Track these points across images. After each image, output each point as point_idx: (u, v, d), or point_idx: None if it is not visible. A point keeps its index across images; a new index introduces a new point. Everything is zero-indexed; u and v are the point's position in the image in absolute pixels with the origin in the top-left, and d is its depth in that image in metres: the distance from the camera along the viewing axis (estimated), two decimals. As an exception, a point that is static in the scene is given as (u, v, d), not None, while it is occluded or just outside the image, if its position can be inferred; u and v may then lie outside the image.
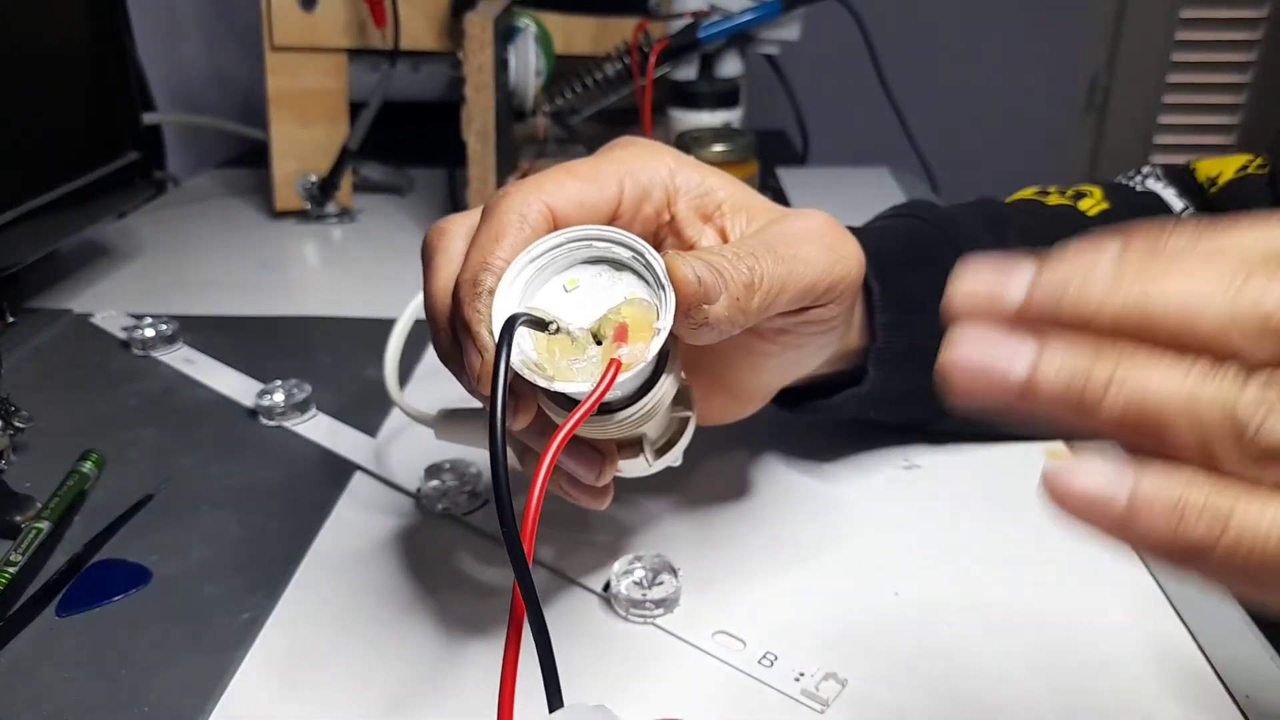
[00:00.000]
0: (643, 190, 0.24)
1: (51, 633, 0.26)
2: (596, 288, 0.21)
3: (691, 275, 0.20)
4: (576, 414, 0.19)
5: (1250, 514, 0.13)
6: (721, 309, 0.21)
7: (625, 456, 0.24)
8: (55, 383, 0.42)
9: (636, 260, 0.21)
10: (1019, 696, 0.24)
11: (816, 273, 0.23)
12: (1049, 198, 0.37)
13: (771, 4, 0.61)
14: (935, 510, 0.32)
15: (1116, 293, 0.14)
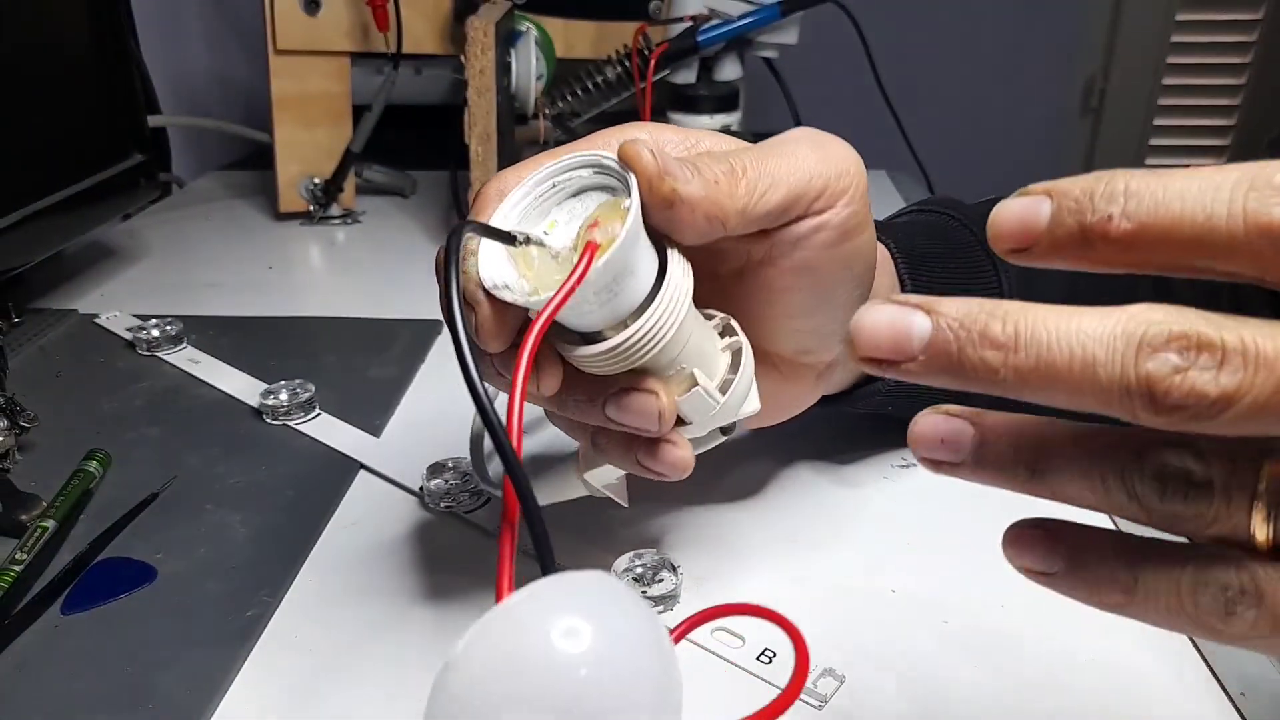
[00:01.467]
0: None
1: (56, 631, 0.27)
2: (575, 216, 0.22)
3: (644, 151, 0.20)
4: (560, 291, 0.19)
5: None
6: (696, 188, 0.21)
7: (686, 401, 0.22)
8: (61, 382, 0.42)
9: (601, 172, 0.21)
10: (1016, 695, 0.24)
11: (809, 167, 0.22)
12: None
13: (770, 8, 0.61)
14: (933, 508, 0.32)
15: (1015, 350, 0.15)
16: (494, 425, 0.17)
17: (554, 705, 0.13)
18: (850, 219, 0.23)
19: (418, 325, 0.47)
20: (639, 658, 0.14)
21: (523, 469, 0.16)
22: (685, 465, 0.23)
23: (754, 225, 0.22)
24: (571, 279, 0.19)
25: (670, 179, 0.20)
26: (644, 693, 0.14)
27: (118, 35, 0.51)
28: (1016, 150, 1.27)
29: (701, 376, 0.22)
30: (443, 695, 0.14)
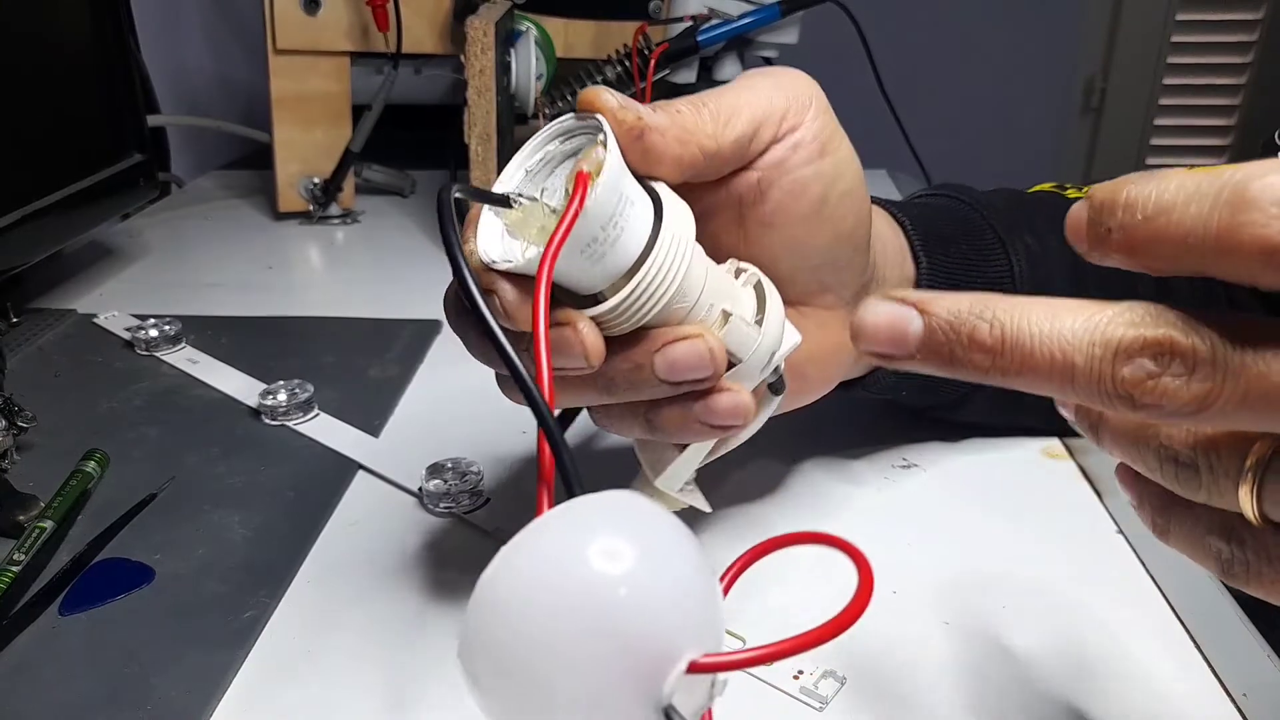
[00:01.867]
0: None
1: (55, 631, 0.27)
2: (557, 188, 0.22)
3: (601, 90, 0.21)
4: (566, 215, 0.18)
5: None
6: (661, 118, 0.21)
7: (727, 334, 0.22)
8: (59, 382, 0.42)
9: (568, 136, 0.21)
10: (1016, 695, 0.24)
11: (766, 93, 0.23)
12: (1067, 191, 0.37)
13: (770, 8, 0.61)
14: (933, 508, 0.32)
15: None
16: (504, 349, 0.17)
17: (596, 627, 0.13)
18: (821, 130, 0.24)
19: (417, 325, 0.47)
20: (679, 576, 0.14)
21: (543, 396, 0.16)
22: (745, 408, 0.22)
23: (728, 154, 0.23)
24: (573, 205, 0.19)
25: (633, 110, 0.21)
26: (686, 610, 0.14)
27: (117, 34, 0.51)
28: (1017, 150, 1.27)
29: (733, 307, 0.22)
30: (476, 613, 0.14)
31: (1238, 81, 1.27)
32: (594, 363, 0.21)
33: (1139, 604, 0.28)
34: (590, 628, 0.13)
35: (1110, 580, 0.29)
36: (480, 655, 0.14)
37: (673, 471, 0.25)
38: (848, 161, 0.25)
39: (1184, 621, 0.27)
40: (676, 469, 0.25)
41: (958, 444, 0.35)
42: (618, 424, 0.24)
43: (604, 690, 0.13)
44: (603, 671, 0.13)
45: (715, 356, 0.22)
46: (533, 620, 0.13)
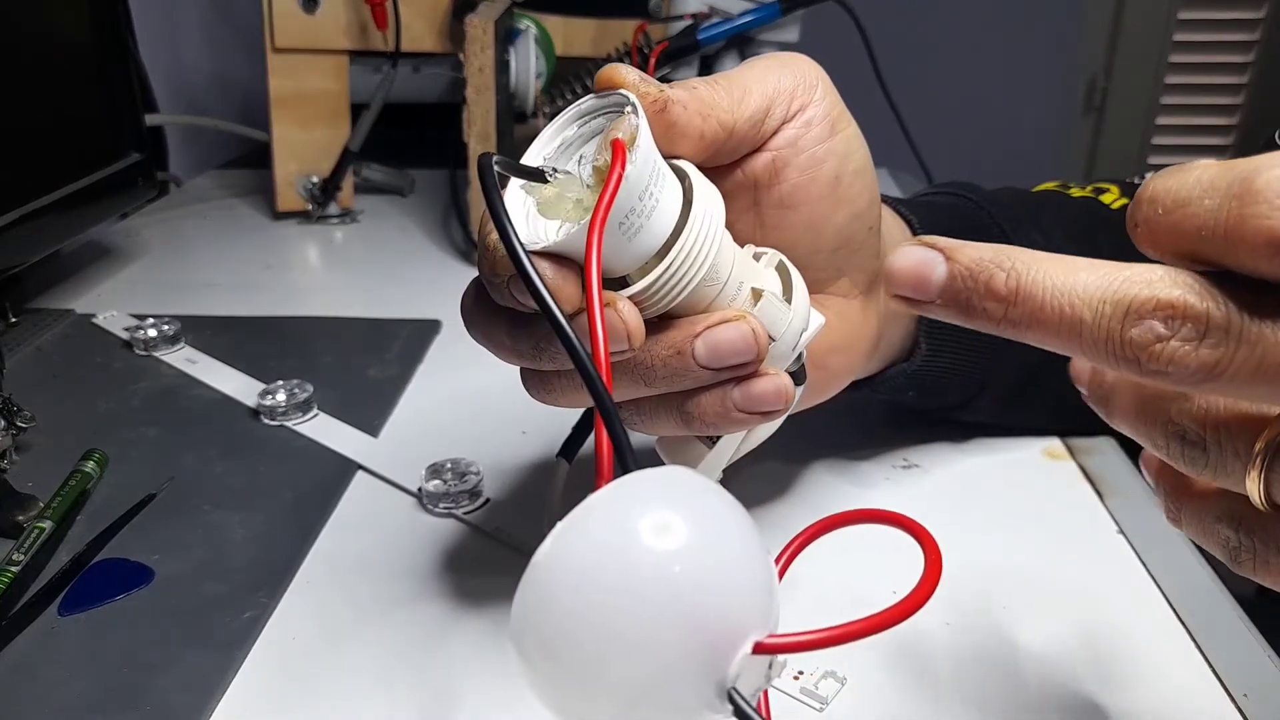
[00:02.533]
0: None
1: (53, 632, 0.27)
2: (587, 159, 0.21)
3: (620, 66, 0.21)
4: (607, 189, 0.18)
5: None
6: (680, 92, 0.22)
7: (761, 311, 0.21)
8: (58, 383, 0.42)
9: (586, 118, 0.21)
10: (1017, 695, 0.24)
11: (774, 75, 0.24)
12: (1071, 190, 0.37)
13: (771, 6, 0.61)
14: (933, 509, 0.32)
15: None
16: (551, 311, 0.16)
17: (654, 604, 0.12)
18: (830, 109, 0.25)
19: (417, 325, 0.47)
20: (738, 553, 0.14)
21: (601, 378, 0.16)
22: (787, 390, 0.22)
23: (744, 132, 0.23)
24: (616, 171, 0.18)
25: (655, 84, 0.21)
26: (745, 588, 0.13)
27: (115, 33, 0.51)
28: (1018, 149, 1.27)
29: (764, 286, 0.22)
30: (532, 591, 0.13)
31: (1239, 81, 1.27)
32: (636, 344, 0.20)
33: (1139, 604, 0.27)
34: (652, 607, 0.12)
35: (1110, 580, 0.28)
36: (532, 634, 0.13)
37: (702, 470, 0.24)
38: (857, 139, 0.25)
39: (1184, 621, 0.27)
40: (705, 467, 0.24)
41: (959, 444, 0.35)
42: (650, 420, 0.23)
43: (665, 671, 0.13)
44: (665, 651, 0.13)
45: (759, 338, 0.21)
46: (588, 598, 0.13)
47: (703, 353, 0.21)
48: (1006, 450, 0.35)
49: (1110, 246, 0.34)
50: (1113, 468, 0.34)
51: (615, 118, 0.21)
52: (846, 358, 0.28)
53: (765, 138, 0.24)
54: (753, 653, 0.13)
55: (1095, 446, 0.35)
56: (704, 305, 0.21)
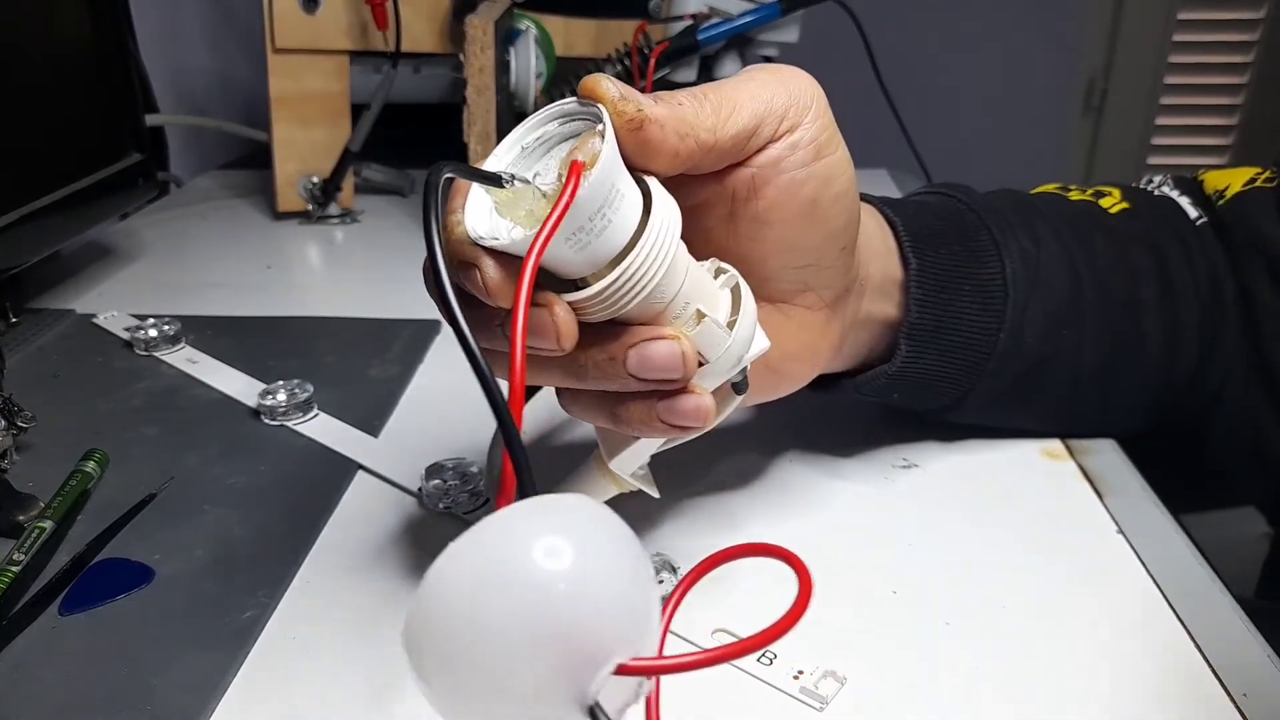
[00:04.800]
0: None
1: (54, 631, 0.27)
2: (550, 168, 0.22)
3: (602, 79, 0.21)
4: (558, 207, 0.18)
5: None
6: (662, 109, 0.21)
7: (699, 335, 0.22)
8: (58, 383, 0.42)
9: (567, 119, 0.21)
10: (1017, 696, 0.24)
11: (769, 91, 0.24)
12: (1070, 193, 0.37)
13: (770, 6, 0.61)
14: (933, 509, 0.32)
15: None
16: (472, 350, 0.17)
17: (531, 618, 0.13)
18: (819, 133, 0.24)
19: (417, 325, 0.47)
20: (616, 579, 0.14)
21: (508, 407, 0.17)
22: (706, 411, 0.23)
23: (727, 149, 0.23)
24: (565, 195, 0.19)
25: (634, 101, 0.21)
26: (620, 613, 0.14)
27: (116, 34, 0.51)
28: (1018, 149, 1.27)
29: (708, 308, 0.22)
30: (424, 603, 0.14)
31: (1239, 81, 1.27)
32: (565, 346, 0.21)
33: (1139, 604, 0.27)
34: (528, 621, 0.14)
35: (1110, 580, 0.28)
36: (423, 642, 0.14)
37: (628, 456, 0.25)
38: (842, 164, 0.25)
39: (1184, 621, 0.27)
40: (632, 454, 0.25)
41: (957, 444, 0.35)
42: (584, 411, 0.24)
43: (536, 681, 0.14)
44: (536, 663, 0.14)
45: (688, 360, 0.22)
46: (474, 611, 0.14)
47: (634, 363, 0.22)
48: (1006, 450, 0.35)
49: (1107, 256, 0.34)
50: (1112, 467, 0.34)
51: (591, 126, 0.21)
52: (804, 366, 0.28)
53: (750, 154, 0.24)
54: (615, 673, 0.14)
55: (1095, 446, 0.35)
56: (649, 316, 0.22)
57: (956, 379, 0.32)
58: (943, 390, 0.33)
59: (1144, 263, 0.34)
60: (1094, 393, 0.34)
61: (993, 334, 0.31)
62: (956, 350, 0.31)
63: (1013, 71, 1.24)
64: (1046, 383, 0.33)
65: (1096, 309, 0.33)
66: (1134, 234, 0.35)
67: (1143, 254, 0.34)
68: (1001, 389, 0.33)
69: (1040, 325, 0.32)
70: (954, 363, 0.32)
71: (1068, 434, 0.36)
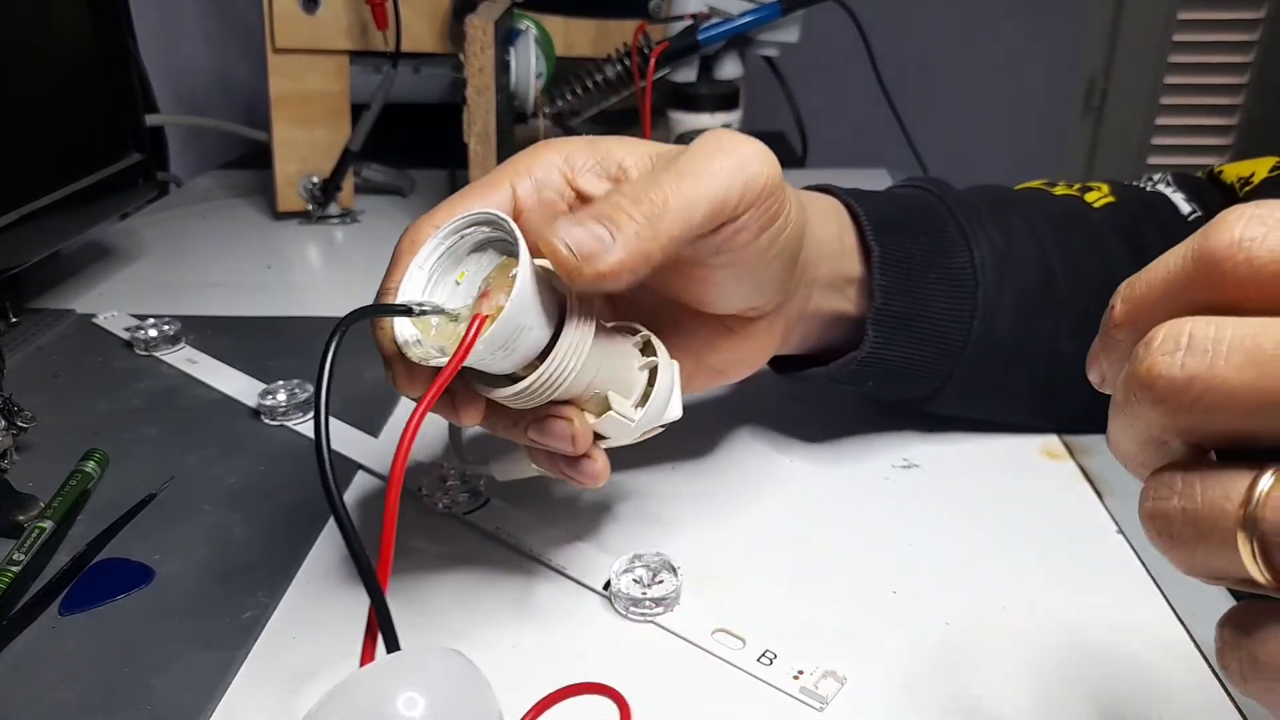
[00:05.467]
0: (537, 182, 0.25)
1: (54, 631, 0.27)
2: (480, 270, 0.23)
3: (560, 245, 0.21)
4: (447, 368, 0.20)
5: None
6: (618, 253, 0.21)
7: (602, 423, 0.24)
8: (58, 383, 0.42)
9: (498, 229, 0.22)
10: (1017, 695, 0.24)
11: (725, 180, 0.23)
12: (1056, 188, 0.37)
13: (771, 6, 0.61)
14: (933, 508, 0.32)
15: None
16: (340, 515, 0.19)
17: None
18: (765, 214, 0.25)
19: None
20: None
21: (366, 554, 0.19)
22: (600, 477, 0.25)
23: (679, 250, 0.23)
24: (461, 349, 0.20)
25: (591, 262, 0.21)
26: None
27: (116, 34, 0.51)
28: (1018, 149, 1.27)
29: (616, 399, 0.24)
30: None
31: (1239, 81, 1.27)
32: (467, 424, 0.24)
33: (1139, 604, 0.27)
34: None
35: (1110, 580, 0.28)
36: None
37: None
38: (786, 228, 0.26)
39: (1184, 621, 0.27)
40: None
41: (957, 444, 0.35)
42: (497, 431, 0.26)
43: None
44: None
45: (578, 441, 0.24)
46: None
47: (533, 434, 0.24)
48: (1006, 450, 0.35)
49: (1083, 246, 0.34)
50: (1112, 467, 0.34)
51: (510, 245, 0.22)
52: (746, 366, 0.30)
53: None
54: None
55: (1095, 446, 0.35)
56: (561, 399, 0.24)
57: (933, 367, 0.32)
58: (920, 378, 0.33)
59: (1122, 253, 0.34)
60: (1076, 384, 0.34)
61: (966, 321, 0.32)
62: (929, 338, 0.32)
63: (1013, 71, 1.24)
64: (1026, 371, 0.33)
65: (1073, 298, 0.33)
66: (1115, 225, 0.35)
67: (1121, 244, 0.34)
68: (980, 377, 0.33)
69: (1013, 314, 0.32)
70: (928, 350, 0.32)
71: (1062, 426, 0.36)
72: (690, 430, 0.36)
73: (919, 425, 0.36)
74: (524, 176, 0.25)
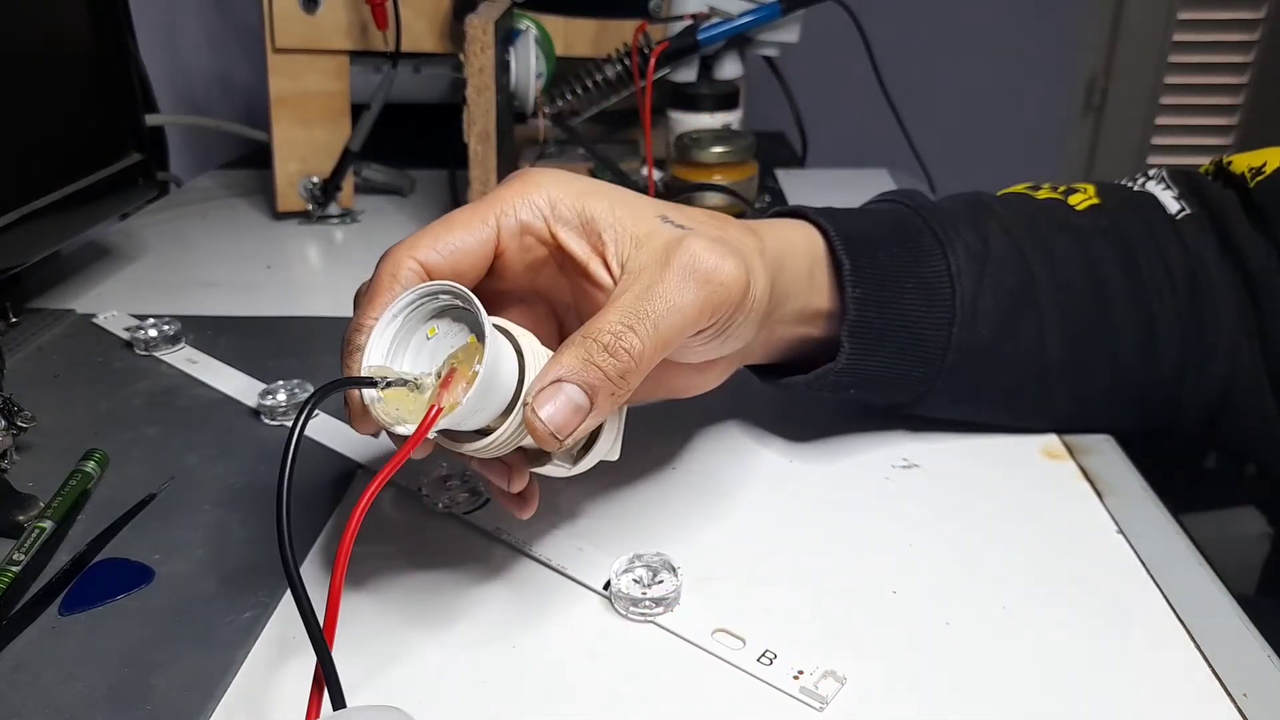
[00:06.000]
0: (520, 225, 0.26)
1: (54, 631, 0.27)
2: (450, 335, 0.24)
3: (543, 429, 0.23)
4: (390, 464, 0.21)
5: None
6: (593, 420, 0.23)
7: (540, 464, 0.26)
8: (58, 383, 0.42)
9: (465, 305, 0.23)
10: (1016, 695, 0.24)
11: (694, 313, 0.25)
12: (1039, 192, 0.37)
13: (770, 6, 0.61)
14: (932, 509, 0.32)
15: None
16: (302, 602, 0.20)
17: None
18: (728, 324, 0.26)
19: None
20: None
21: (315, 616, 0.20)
22: (526, 513, 0.27)
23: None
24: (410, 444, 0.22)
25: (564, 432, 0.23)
26: None
27: (116, 33, 0.51)
28: (1018, 149, 1.27)
29: (560, 454, 0.26)
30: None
31: (1239, 81, 1.27)
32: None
33: (1139, 604, 0.27)
34: None
35: (1110, 580, 0.28)
36: None
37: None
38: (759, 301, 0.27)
39: (1184, 621, 0.27)
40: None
41: (957, 444, 0.35)
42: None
43: None
44: None
45: (513, 482, 0.26)
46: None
47: (475, 466, 0.26)
48: (1006, 450, 0.35)
49: (1065, 248, 0.34)
50: (1112, 467, 0.34)
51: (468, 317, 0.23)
52: (703, 388, 0.31)
53: None
54: None
55: (1094, 446, 0.35)
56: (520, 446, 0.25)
57: (914, 374, 0.33)
58: (901, 386, 0.33)
59: (1107, 255, 0.34)
60: (1064, 385, 0.34)
61: (944, 328, 0.32)
62: (909, 347, 0.32)
63: (1013, 71, 1.24)
64: (1010, 375, 0.33)
65: (1056, 301, 0.33)
66: (1099, 228, 0.35)
67: (1106, 247, 0.34)
68: (963, 382, 0.33)
69: (993, 318, 0.32)
70: (907, 359, 0.32)
71: (1050, 427, 0.36)
72: (690, 430, 0.36)
73: (918, 425, 0.36)
74: (509, 216, 0.26)
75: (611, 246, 0.26)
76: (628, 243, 0.26)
